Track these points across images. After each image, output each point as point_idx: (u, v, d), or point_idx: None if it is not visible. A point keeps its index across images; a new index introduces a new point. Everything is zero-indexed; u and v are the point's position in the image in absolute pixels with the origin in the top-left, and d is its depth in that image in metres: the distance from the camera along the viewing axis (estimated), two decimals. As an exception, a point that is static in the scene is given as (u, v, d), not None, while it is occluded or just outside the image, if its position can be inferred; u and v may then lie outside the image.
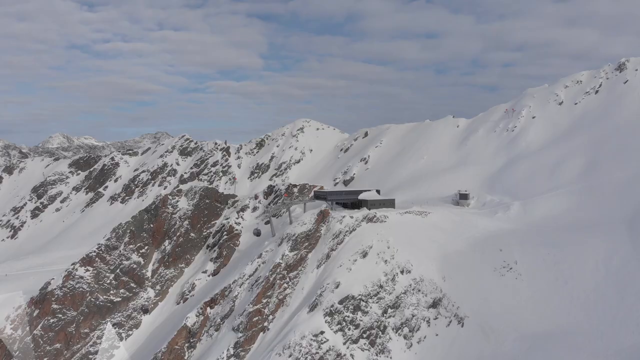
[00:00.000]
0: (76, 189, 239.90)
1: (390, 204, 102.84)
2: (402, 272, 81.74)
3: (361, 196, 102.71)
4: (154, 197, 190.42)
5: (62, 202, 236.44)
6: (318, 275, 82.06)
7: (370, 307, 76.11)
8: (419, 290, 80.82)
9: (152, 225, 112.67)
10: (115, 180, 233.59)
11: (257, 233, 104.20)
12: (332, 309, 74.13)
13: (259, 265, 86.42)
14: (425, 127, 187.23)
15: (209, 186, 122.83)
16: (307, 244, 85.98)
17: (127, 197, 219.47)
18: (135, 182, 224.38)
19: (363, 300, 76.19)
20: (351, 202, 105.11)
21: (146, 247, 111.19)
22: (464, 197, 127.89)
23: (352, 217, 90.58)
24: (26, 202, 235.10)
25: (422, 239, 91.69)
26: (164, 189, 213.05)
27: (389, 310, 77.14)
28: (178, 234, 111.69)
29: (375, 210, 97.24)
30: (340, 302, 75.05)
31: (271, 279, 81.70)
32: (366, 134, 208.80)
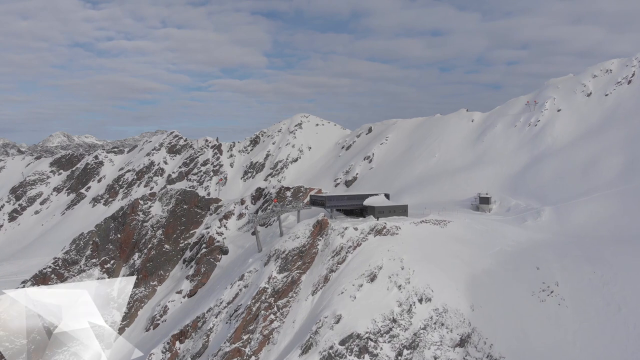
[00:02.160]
0: (57, 189, 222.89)
1: (402, 211, 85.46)
2: (420, 300, 64.37)
3: (367, 202, 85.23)
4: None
5: (41, 203, 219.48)
6: (314, 304, 64.81)
7: (381, 349, 58.83)
8: (442, 325, 63.43)
9: (119, 236, 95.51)
10: (99, 181, 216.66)
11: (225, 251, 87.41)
12: (331, 351, 56.95)
13: (240, 290, 69.20)
14: (436, 121, 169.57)
15: (188, 189, 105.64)
16: (300, 263, 68.69)
17: (110, 199, 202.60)
18: (120, 183, 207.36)
19: (371, 340, 58.89)
20: (355, 208, 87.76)
21: (112, 262, 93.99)
22: (484, 201, 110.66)
23: (356, 228, 73.27)
24: (4, 204, 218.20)
25: (443, 256, 74.35)
26: (150, 189, 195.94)
27: (405, 352, 59.81)
28: (150, 245, 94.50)
29: (385, 219, 80.00)
30: (342, 343, 57.82)
31: (254, 308, 64.48)
32: (370, 130, 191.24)
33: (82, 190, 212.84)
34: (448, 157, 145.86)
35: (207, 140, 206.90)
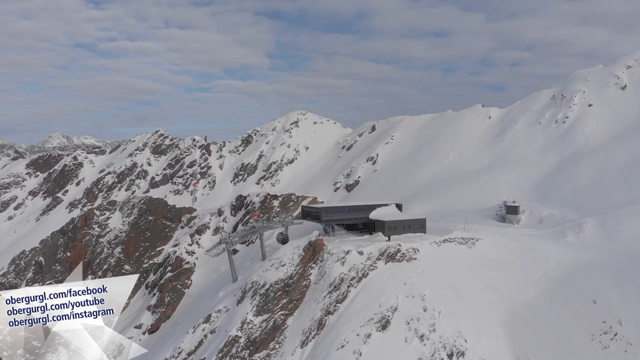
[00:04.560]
0: (33, 193, 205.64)
1: (418, 226, 67.71)
2: (450, 356, 46.73)
3: (374, 215, 67.54)
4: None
5: (15, 208, 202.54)
6: (303, 361, 47.11)
7: None
8: (482, 391, 45.81)
9: (68, 254, 78.01)
10: (77, 184, 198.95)
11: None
12: None
13: (205, 337, 51.52)
14: (448, 118, 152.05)
15: (154, 197, 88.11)
16: (285, 301, 51.06)
17: (88, 204, 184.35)
18: (99, 186, 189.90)
19: (384, 419, 41.30)
20: (358, 223, 70.18)
21: (59, 286, 76.32)
22: (512, 210, 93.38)
23: (361, 252, 55.74)
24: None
25: (476, 288, 56.78)
26: (132, 193, 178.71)
27: None
28: (106, 266, 76.93)
29: (397, 237, 62.45)
30: None
31: (221, 366, 46.78)
32: (373, 128, 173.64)
33: (59, 194, 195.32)
34: (463, 158, 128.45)
35: (194, 140, 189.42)
